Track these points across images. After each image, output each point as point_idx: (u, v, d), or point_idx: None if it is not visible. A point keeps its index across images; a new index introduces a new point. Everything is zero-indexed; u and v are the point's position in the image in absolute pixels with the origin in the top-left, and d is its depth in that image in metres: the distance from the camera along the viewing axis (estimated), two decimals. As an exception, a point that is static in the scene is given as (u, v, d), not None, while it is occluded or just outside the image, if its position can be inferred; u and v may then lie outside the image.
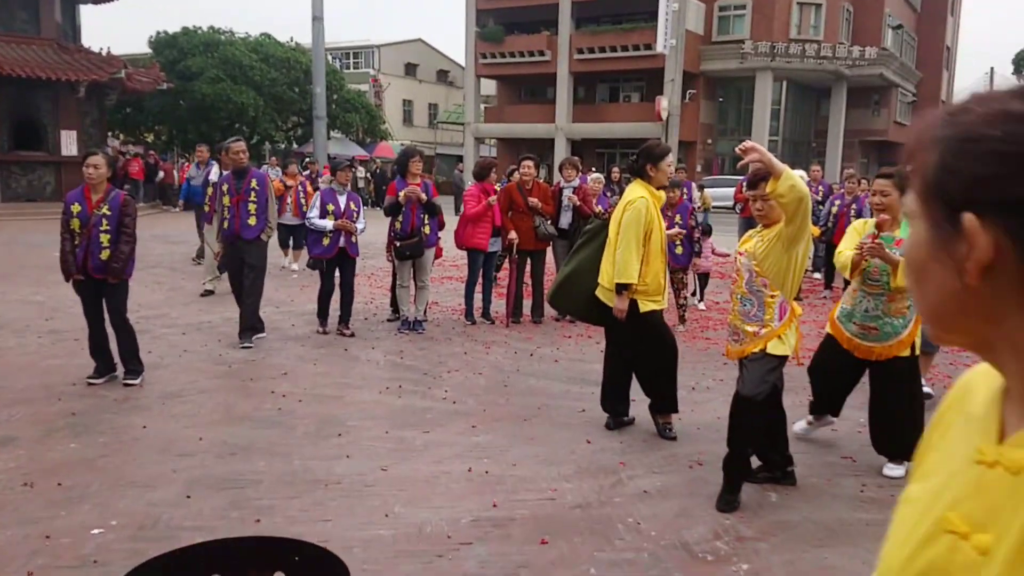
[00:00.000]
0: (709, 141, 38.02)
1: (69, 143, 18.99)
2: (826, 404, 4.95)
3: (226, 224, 6.91)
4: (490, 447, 4.73)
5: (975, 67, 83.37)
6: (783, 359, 4.01)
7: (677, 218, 8.03)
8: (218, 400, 5.47)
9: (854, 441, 5.04)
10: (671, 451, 4.77)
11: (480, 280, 8.21)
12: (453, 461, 4.48)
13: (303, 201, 10.07)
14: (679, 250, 8.13)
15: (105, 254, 5.48)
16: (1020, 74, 51.44)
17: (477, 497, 4.00)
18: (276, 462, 4.40)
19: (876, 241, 4.26)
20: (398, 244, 7.46)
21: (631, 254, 4.65)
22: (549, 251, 8.53)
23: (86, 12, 27.76)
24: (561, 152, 37.13)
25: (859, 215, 8.69)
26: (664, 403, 5.04)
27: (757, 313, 4.01)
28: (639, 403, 5.58)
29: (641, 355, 4.98)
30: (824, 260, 10.59)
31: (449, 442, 4.79)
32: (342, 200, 7.24)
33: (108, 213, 5.49)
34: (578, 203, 8.33)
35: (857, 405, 5.74)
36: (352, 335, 7.45)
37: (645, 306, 4.80)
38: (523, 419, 5.24)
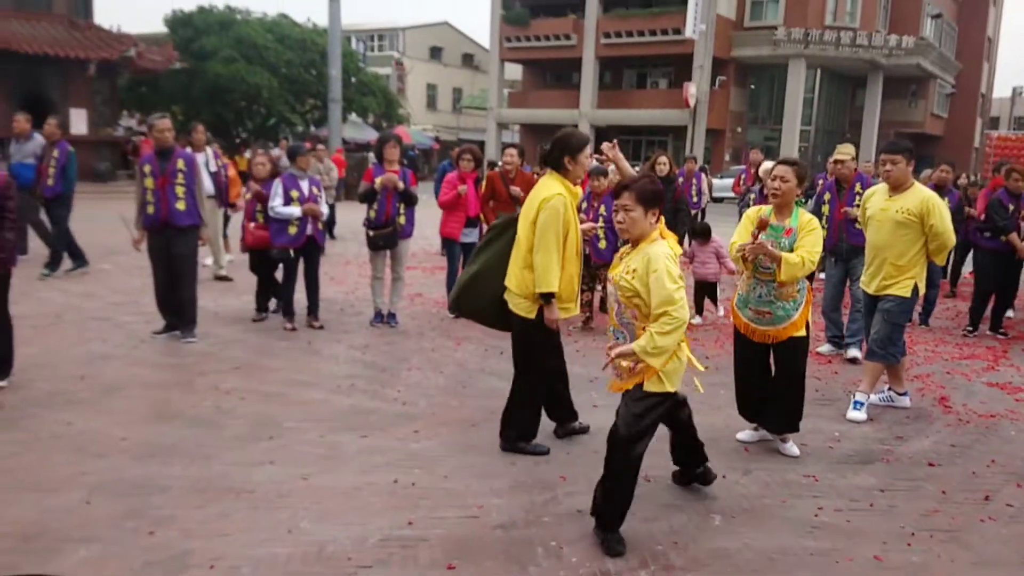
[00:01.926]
0: (739, 129, 37.31)
1: (79, 121, 18.99)
2: (747, 403, 4.82)
3: (150, 209, 6.48)
4: (426, 456, 4.46)
5: (1017, 60, 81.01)
6: (665, 396, 3.49)
7: (602, 209, 7.43)
8: (157, 396, 5.26)
9: (822, 458, 4.69)
10: (620, 465, 4.46)
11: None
12: (381, 470, 4.21)
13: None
14: (603, 244, 7.48)
15: None
16: (1066, 65, 49.73)
17: (394, 513, 3.73)
18: (194, 466, 4.17)
19: (758, 242, 4.38)
20: (371, 233, 7.20)
21: (551, 259, 4.17)
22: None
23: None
24: (585, 139, 36.59)
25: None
26: (514, 425, 4.60)
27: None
28: (604, 408, 5.28)
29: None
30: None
31: (384, 449, 4.52)
32: (304, 185, 6.98)
33: None
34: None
35: (830, 416, 5.42)
36: (321, 327, 7.21)
37: (562, 312, 4.39)
38: (471, 424, 4.96)
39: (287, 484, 3.99)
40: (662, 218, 3.53)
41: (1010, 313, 9.22)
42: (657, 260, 3.34)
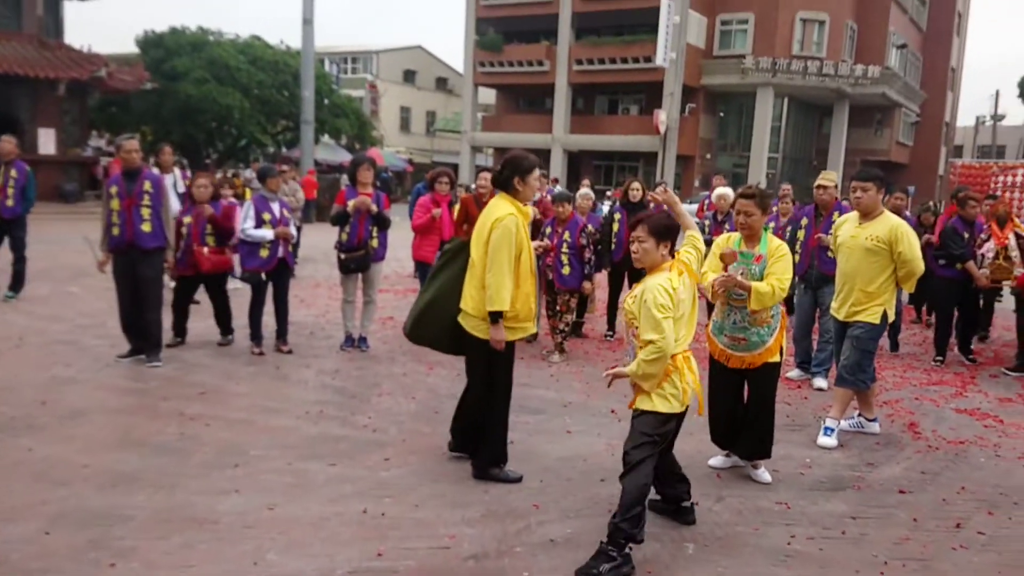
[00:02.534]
0: (708, 156, 37.74)
1: (47, 141, 18.71)
2: (719, 430, 4.82)
3: (115, 231, 6.36)
4: (396, 484, 4.38)
5: (980, 89, 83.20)
6: (659, 415, 3.66)
7: (566, 235, 7.40)
8: (120, 422, 5.13)
9: (793, 484, 4.69)
10: (593, 492, 4.42)
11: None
12: (350, 500, 4.13)
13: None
14: (566, 270, 7.39)
15: None
16: (1025, 97, 51.11)
17: (363, 544, 3.66)
18: (158, 495, 4.06)
19: (727, 274, 4.51)
20: (343, 256, 7.13)
21: (503, 278, 4.21)
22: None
23: (74, 9, 27.55)
24: (558, 163, 36.89)
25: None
26: (486, 451, 4.55)
27: None
28: (577, 434, 5.25)
29: (477, 386, 4.56)
30: None
31: (354, 477, 4.44)
32: (275, 207, 6.91)
33: None
34: (538, 215, 8.00)
35: (801, 442, 5.43)
36: (290, 352, 7.11)
37: (512, 333, 4.41)
38: (443, 452, 4.88)
39: (253, 514, 3.90)
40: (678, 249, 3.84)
41: (991, 335, 9.38)
42: (650, 290, 3.58)
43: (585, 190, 8.50)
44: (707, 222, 8.78)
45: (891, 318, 5.53)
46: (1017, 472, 5.09)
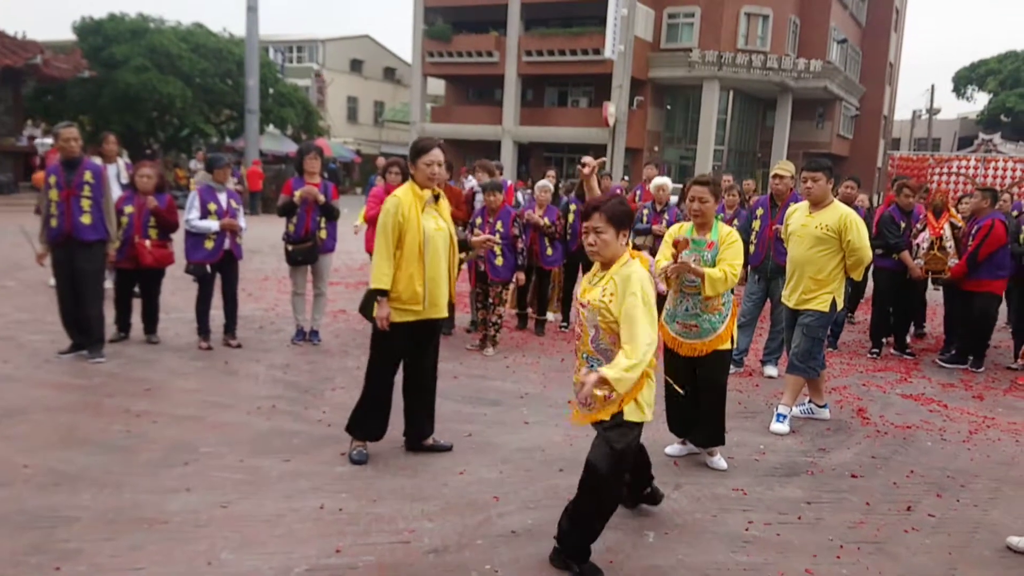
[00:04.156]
0: (656, 148, 38.03)
1: (-22, 130, 17.96)
2: (676, 418, 4.87)
3: (53, 222, 6.12)
4: (354, 478, 4.30)
5: (916, 84, 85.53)
6: (641, 424, 3.39)
7: (499, 225, 7.33)
8: (62, 420, 4.94)
9: (749, 470, 4.74)
10: (552, 482, 4.39)
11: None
12: (307, 496, 4.04)
13: None
14: (499, 261, 7.31)
15: None
16: (959, 92, 52.76)
17: (320, 540, 3.57)
18: (104, 495, 3.91)
19: (680, 261, 4.52)
20: (290, 248, 6.99)
21: (382, 258, 4.35)
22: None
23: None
24: (508, 155, 36.82)
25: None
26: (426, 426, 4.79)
27: None
28: (535, 425, 5.23)
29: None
30: None
31: (309, 472, 4.35)
32: (222, 198, 6.73)
33: None
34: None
35: (754, 429, 5.50)
36: (239, 346, 6.94)
37: (396, 315, 4.44)
38: (400, 445, 4.82)
39: (205, 513, 3.78)
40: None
41: (927, 328, 9.56)
42: (636, 282, 3.20)
43: (543, 182, 8.40)
44: (645, 211, 8.75)
45: (840, 306, 5.62)
46: (962, 455, 5.23)
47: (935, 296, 9.18)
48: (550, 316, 8.85)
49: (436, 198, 4.57)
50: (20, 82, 19.98)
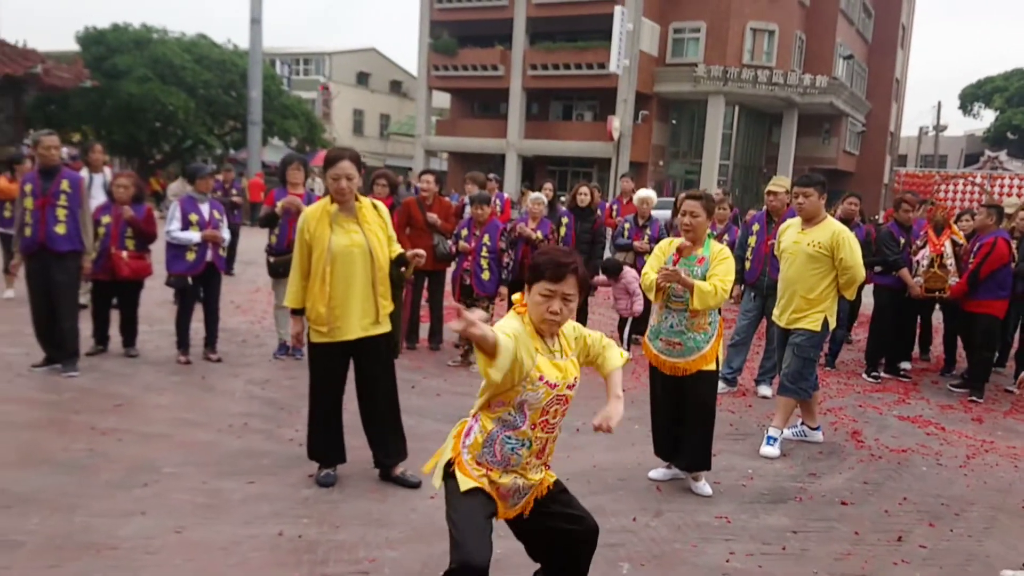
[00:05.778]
0: (661, 163, 37.94)
1: (-24, 139, 17.90)
2: (661, 440, 4.72)
3: (27, 231, 5.98)
4: (319, 503, 4.13)
5: (923, 101, 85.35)
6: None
7: (486, 238, 7.11)
8: (24, 437, 4.78)
9: (735, 496, 4.55)
10: (527, 509, 4.20)
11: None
12: (267, 521, 3.86)
13: None
14: (485, 275, 7.08)
15: None
16: (965, 110, 52.57)
17: (274, 570, 3.40)
18: (54, 519, 3.75)
19: (673, 268, 4.39)
20: (272, 260, 6.84)
21: (294, 273, 4.24)
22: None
23: (9, 2, 26.52)
24: (512, 168, 36.78)
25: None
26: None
27: None
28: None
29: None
30: None
31: (272, 496, 4.17)
32: (204, 209, 6.59)
33: None
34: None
35: (744, 452, 5.31)
36: (219, 360, 6.79)
37: (311, 335, 4.28)
38: (371, 467, 4.63)
39: (158, 538, 3.61)
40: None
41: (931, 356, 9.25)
42: (577, 328, 2.95)
43: (536, 194, 8.22)
44: (627, 225, 8.55)
45: (832, 325, 5.43)
46: (958, 481, 5.03)
47: (939, 316, 8.94)
48: None
49: (375, 207, 4.43)
50: (21, 91, 19.93)
